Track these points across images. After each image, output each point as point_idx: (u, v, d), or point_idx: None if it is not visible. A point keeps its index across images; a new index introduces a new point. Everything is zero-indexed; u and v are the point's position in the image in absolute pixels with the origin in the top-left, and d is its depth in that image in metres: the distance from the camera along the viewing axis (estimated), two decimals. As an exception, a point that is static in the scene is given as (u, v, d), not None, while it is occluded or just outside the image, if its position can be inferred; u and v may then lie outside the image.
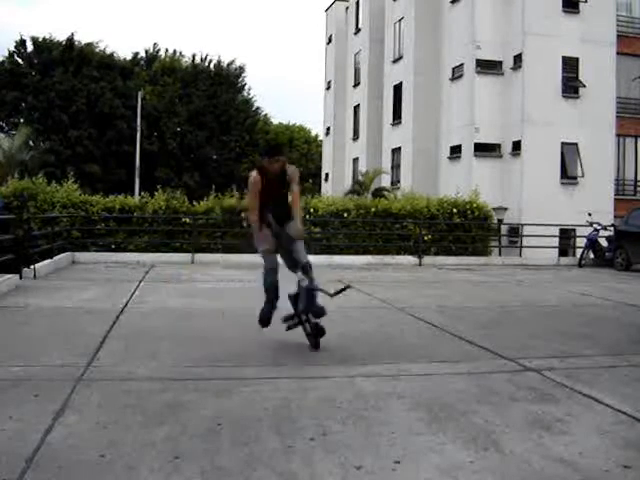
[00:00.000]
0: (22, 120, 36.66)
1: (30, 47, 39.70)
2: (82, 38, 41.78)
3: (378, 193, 22.54)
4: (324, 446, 3.08)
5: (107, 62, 40.50)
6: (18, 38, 39.39)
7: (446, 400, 3.89)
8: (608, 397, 3.96)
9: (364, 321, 6.84)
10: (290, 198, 5.46)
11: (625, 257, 14.82)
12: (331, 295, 5.27)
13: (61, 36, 40.40)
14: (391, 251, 15.53)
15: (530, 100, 21.74)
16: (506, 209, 20.73)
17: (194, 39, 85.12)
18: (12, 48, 39.48)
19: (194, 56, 44.63)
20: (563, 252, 19.42)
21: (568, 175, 22.25)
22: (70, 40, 39.57)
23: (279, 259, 5.48)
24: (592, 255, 16.27)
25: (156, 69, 42.99)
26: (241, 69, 45.54)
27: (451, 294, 9.47)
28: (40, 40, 39.52)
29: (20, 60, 39.39)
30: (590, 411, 3.73)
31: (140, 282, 9.85)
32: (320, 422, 3.42)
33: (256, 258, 6.68)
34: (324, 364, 4.76)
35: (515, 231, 19.07)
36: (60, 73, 37.92)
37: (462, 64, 23.92)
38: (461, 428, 3.38)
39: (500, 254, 17.06)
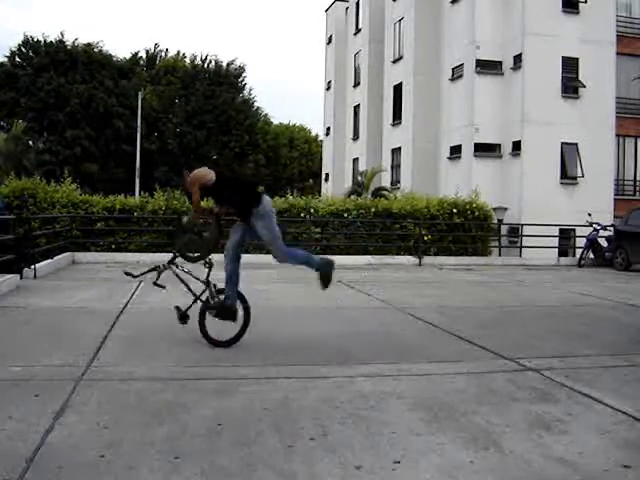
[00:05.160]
0: (21, 121, 36.72)
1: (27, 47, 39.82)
2: (80, 39, 41.99)
3: (378, 193, 22.54)
4: (324, 446, 3.08)
5: (103, 62, 40.48)
6: (15, 38, 39.75)
7: (446, 400, 3.89)
8: (608, 397, 3.96)
9: (364, 321, 6.83)
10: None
11: (625, 257, 14.82)
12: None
13: (57, 37, 40.42)
14: (391, 251, 15.52)
15: (530, 100, 21.75)
16: (506, 209, 20.74)
17: (194, 40, 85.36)
18: (14, 48, 39.64)
19: (194, 57, 44.73)
20: (563, 252, 19.42)
21: (568, 175, 22.25)
22: (61, 41, 39.60)
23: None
24: (592, 255, 16.26)
25: (159, 68, 43.03)
26: (241, 69, 45.61)
27: (451, 294, 9.47)
28: (35, 41, 39.59)
29: (21, 60, 39.44)
30: (590, 411, 3.73)
31: (140, 282, 9.83)
32: (320, 422, 3.42)
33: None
34: (324, 364, 4.75)
35: (515, 231, 19.07)
36: (51, 74, 37.93)
37: (462, 64, 23.93)
38: (461, 428, 3.38)
39: (500, 254, 17.05)
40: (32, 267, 10.06)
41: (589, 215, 16.53)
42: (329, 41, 37.20)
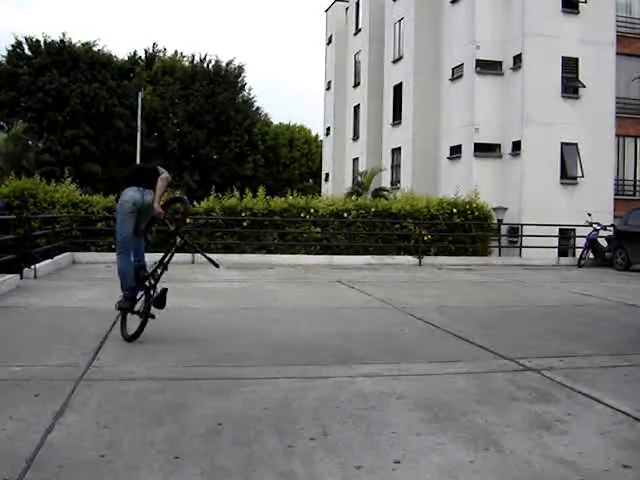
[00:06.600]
0: (21, 121, 36.70)
1: (26, 48, 39.72)
2: (80, 39, 41.96)
3: (378, 193, 22.55)
4: (324, 446, 3.08)
5: (103, 62, 40.43)
6: (14, 39, 39.63)
7: (446, 400, 3.89)
8: (608, 397, 3.96)
9: (364, 321, 6.83)
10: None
11: (625, 257, 14.83)
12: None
13: (58, 37, 40.36)
14: (391, 251, 15.53)
15: (530, 100, 21.74)
16: (506, 209, 20.73)
17: (194, 40, 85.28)
18: (10, 48, 39.56)
19: (193, 57, 44.75)
20: (563, 252, 19.42)
21: (568, 175, 22.25)
22: (62, 41, 39.56)
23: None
24: (592, 255, 16.28)
25: (157, 69, 43.02)
26: (240, 69, 45.57)
27: (451, 294, 9.47)
28: (34, 41, 39.55)
29: (18, 61, 39.37)
30: (590, 411, 3.73)
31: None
32: (320, 422, 3.41)
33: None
34: (324, 364, 4.76)
35: (515, 231, 19.08)
36: (54, 73, 37.88)
37: (462, 64, 23.92)
38: (461, 428, 3.38)
39: (500, 254, 17.07)
40: (32, 267, 10.06)
41: (589, 215, 16.55)
42: (329, 41, 37.19)
